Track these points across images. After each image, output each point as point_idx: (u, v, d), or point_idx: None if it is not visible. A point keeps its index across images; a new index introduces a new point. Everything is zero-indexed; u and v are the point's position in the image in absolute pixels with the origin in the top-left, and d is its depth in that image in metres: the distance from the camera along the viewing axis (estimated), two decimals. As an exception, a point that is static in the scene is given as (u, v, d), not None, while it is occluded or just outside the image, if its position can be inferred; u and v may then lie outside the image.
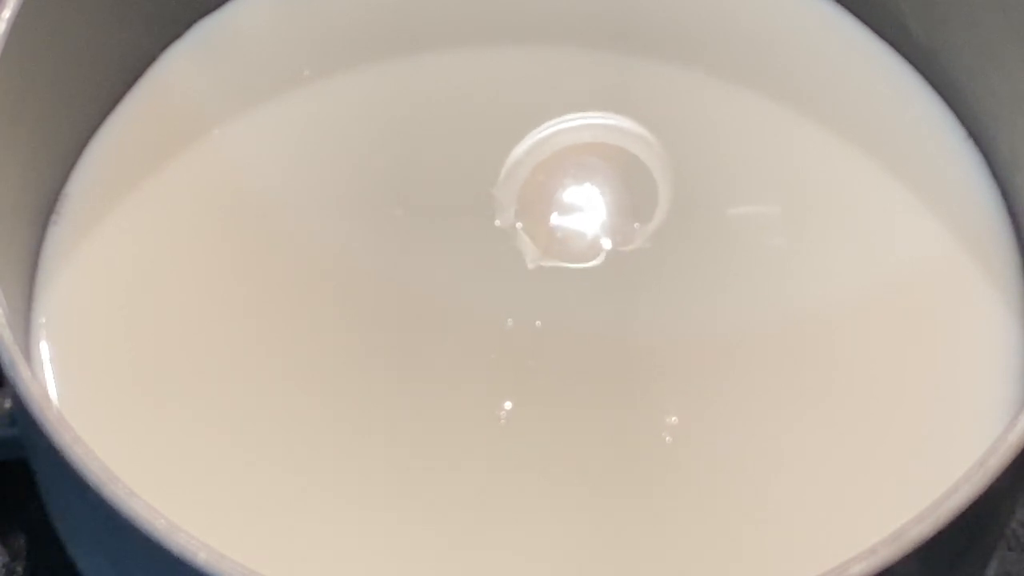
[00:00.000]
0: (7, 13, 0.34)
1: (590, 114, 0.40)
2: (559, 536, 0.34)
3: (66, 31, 0.37)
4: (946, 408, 0.36)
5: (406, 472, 0.35)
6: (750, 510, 0.34)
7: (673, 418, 0.35)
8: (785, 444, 0.35)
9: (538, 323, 0.37)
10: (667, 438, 0.35)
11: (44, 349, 0.36)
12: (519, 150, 0.39)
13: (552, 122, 0.40)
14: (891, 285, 0.38)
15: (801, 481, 0.35)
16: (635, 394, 0.36)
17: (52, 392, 0.35)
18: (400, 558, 0.33)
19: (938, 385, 0.36)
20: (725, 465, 0.35)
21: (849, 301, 0.37)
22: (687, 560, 0.33)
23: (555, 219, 0.38)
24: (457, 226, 0.38)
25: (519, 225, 0.38)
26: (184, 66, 0.41)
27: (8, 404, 0.35)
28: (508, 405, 0.36)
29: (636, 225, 0.38)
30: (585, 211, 0.39)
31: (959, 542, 0.30)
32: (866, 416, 0.35)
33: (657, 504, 0.34)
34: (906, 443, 0.35)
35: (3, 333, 0.30)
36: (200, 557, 0.27)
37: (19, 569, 0.40)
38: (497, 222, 0.38)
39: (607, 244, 0.38)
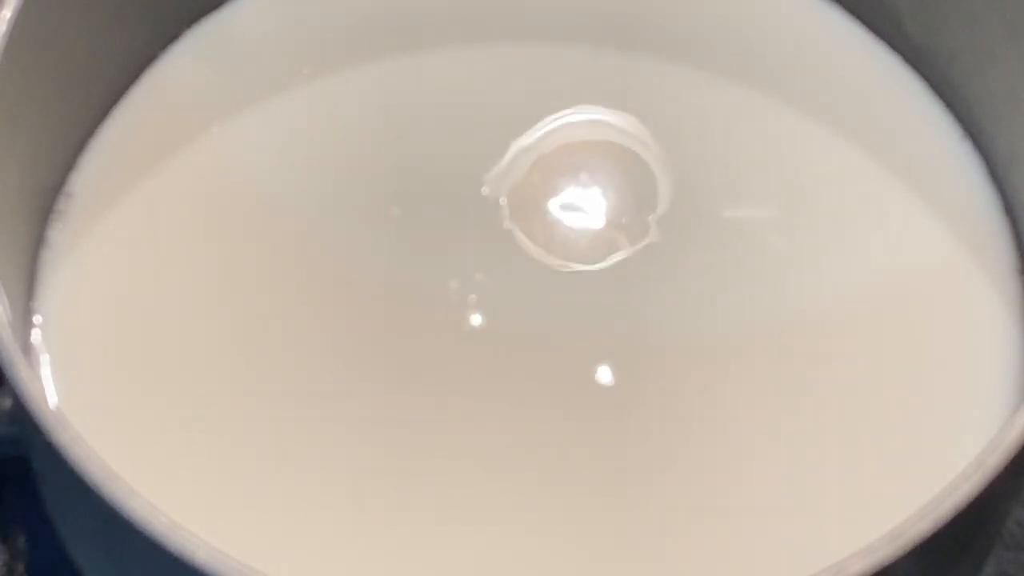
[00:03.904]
0: (7, 13, 0.34)
1: (589, 113, 0.40)
2: (559, 536, 0.34)
3: (66, 31, 0.37)
4: (943, 407, 0.36)
5: (404, 470, 0.35)
6: (749, 509, 0.34)
7: (670, 415, 0.35)
8: (784, 443, 0.35)
9: (533, 323, 0.37)
10: (663, 435, 0.35)
11: (44, 348, 0.36)
12: (517, 149, 0.39)
13: (551, 120, 0.40)
14: (888, 284, 0.38)
15: (800, 480, 0.35)
16: (634, 394, 0.36)
17: (52, 391, 0.35)
18: (400, 556, 0.33)
19: (935, 383, 0.36)
20: (723, 464, 0.35)
21: (847, 300, 0.37)
22: (686, 558, 0.33)
23: (552, 218, 0.38)
24: (455, 225, 0.38)
25: (519, 224, 0.38)
26: (184, 66, 0.41)
27: (8, 403, 0.35)
28: (507, 406, 0.36)
29: (635, 224, 0.38)
30: (582, 210, 0.39)
31: (957, 541, 0.30)
32: (864, 415, 0.35)
33: (655, 502, 0.34)
34: (904, 442, 0.35)
35: (3, 333, 0.30)
36: (199, 555, 0.27)
37: (19, 568, 0.40)
38: (493, 220, 0.38)
39: (604, 243, 0.38)
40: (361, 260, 0.38)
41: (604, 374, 0.36)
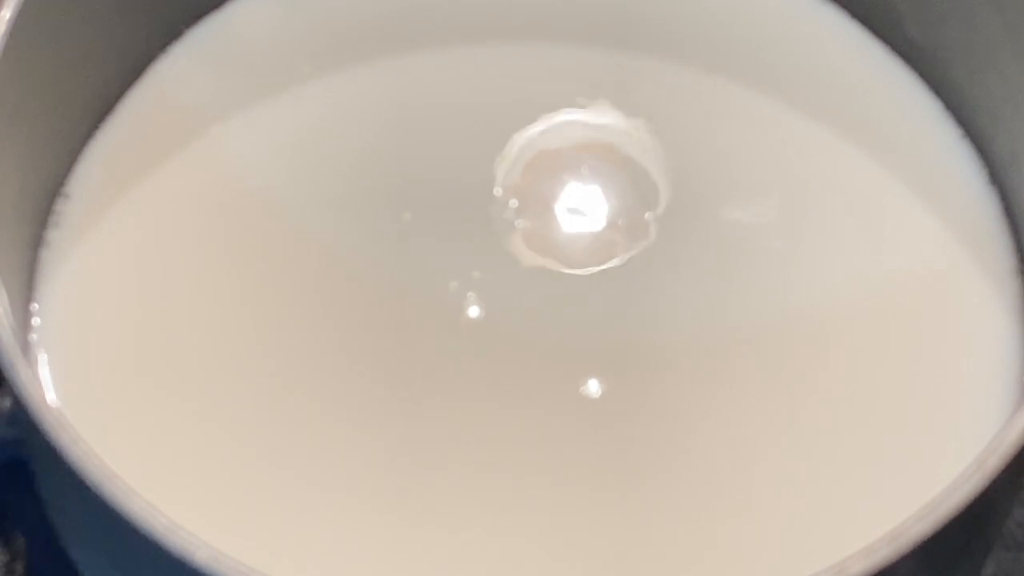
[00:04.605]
0: (7, 13, 0.34)
1: (589, 112, 0.40)
2: (553, 536, 0.34)
3: (66, 31, 0.37)
4: (943, 407, 0.36)
5: (406, 472, 0.35)
6: (749, 509, 0.34)
7: (670, 415, 0.35)
8: (784, 443, 0.35)
9: (534, 323, 0.37)
10: (664, 436, 0.35)
11: (44, 349, 0.36)
12: (517, 148, 0.39)
13: (550, 121, 0.40)
14: (888, 284, 0.38)
15: (800, 480, 0.35)
16: (633, 394, 0.36)
17: (51, 392, 0.35)
18: (400, 556, 0.33)
19: (935, 384, 0.36)
20: (724, 464, 0.35)
21: (846, 300, 0.37)
22: (683, 558, 0.33)
23: (552, 217, 0.38)
24: (457, 225, 0.38)
25: (519, 224, 0.38)
26: (184, 66, 0.41)
27: (8, 404, 0.35)
28: (508, 407, 0.36)
29: (634, 224, 0.38)
30: (584, 209, 0.39)
31: (957, 541, 0.30)
32: (864, 416, 0.35)
33: (653, 502, 0.34)
34: (904, 442, 0.35)
35: (3, 333, 0.30)
36: (199, 555, 0.27)
37: (19, 568, 0.40)
38: (495, 221, 0.38)
39: (606, 243, 0.38)
40: (361, 259, 0.38)
41: (604, 374, 0.36)
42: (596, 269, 0.38)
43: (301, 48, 0.42)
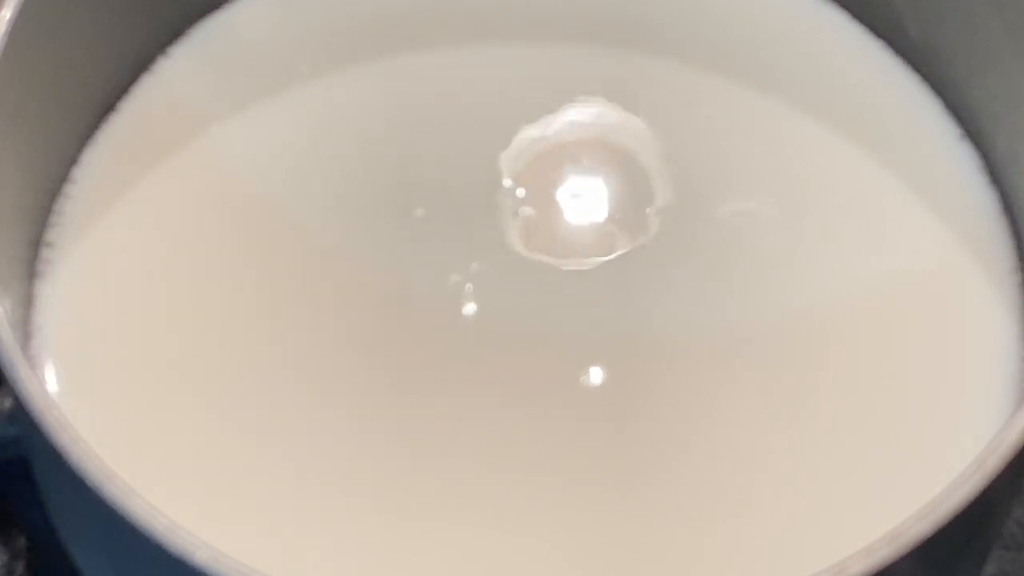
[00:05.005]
0: (7, 13, 0.34)
1: (589, 111, 0.40)
2: (553, 534, 0.34)
3: (66, 31, 0.37)
4: (943, 407, 0.36)
5: (407, 472, 0.35)
6: (748, 509, 0.34)
7: (669, 413, 0.35)
8: (783, 443, 0.35)
9: (533, 319, 0.37)
10: (663, 434, 0.35)
11: (44, 349, 0.36)
12: (517, 147, 0.39)
13: (550, 120, 0.40)
14: (888, 284, 0.38)
15: (800, 480, 0.35)
16: (632, 393, 0.36)
17: (52, 392, 0.35)
18: (400, 553, 0.33)
19: (935, 384, 0.36)
20: (723, 464, 0.35)
21: (846, 299, 0.37)
22: (683, 558, 0.33)
23: (552, 214, 0.39)
24: (457, 223, 0.38)
25: (519, 220, 0.38)
26: (184, 66, 0.41)
27: (8, 404, 0.35)
28: (509, 403, 0.36)
29: (633, 221, 0.38)
30: (584, 207, 0.39)
31: (957, 541, 0.30)
32: (864, 415, 0.35)
33: (652, 501, 0.34)
34: (904, 442, 0.35)
35: (3, 333, 0.30)
36: (199, 555, 0.27)
37: (19, 568, 0.40)
38: (497, 217, 0.38)
39: (604, 240, 0.38)
40: (361, 257, 0.38)
41: (601, 372, 0.36)
42: (596, 264, 0.38)
43: (301, 48, 0.42)
